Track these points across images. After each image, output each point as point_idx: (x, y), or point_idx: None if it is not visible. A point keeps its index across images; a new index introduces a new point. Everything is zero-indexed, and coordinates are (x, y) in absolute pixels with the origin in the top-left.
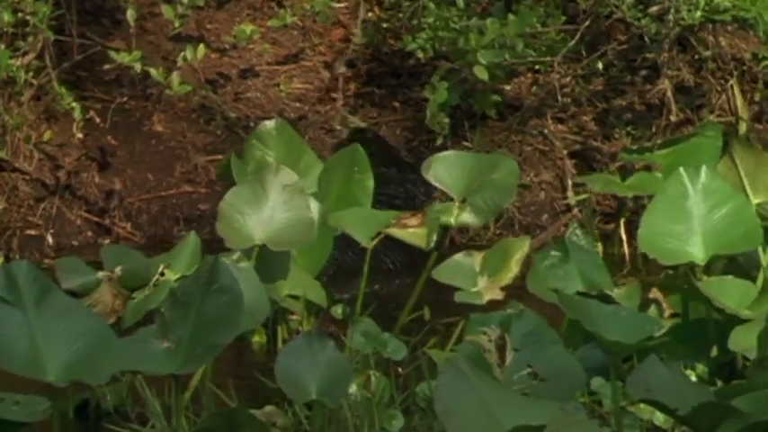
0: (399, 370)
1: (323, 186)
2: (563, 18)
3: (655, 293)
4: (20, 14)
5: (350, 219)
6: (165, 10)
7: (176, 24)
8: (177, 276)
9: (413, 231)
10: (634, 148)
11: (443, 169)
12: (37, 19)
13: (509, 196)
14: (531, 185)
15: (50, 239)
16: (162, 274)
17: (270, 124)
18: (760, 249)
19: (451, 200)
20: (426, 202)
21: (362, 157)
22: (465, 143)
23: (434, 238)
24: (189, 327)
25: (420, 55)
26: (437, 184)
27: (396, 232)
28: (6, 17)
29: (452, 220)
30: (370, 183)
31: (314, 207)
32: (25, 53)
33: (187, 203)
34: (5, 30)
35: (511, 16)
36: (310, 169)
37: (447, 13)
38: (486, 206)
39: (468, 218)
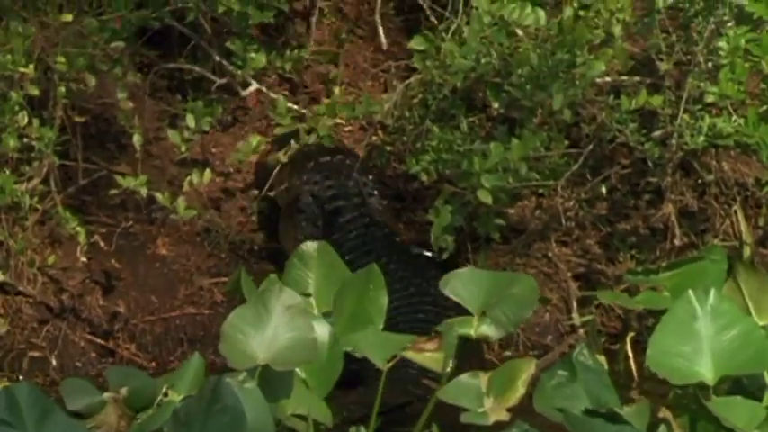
0: None
1: (337, 304)
2: (566, 142)
3: (664, 413)
4: (25, 140)
5: (366, 341)
6: (171, 135)
7: (182, 149)
8: (181, 397)
9: (429, 355)
10: (638, 270)
11: (461, 285)
12: (42, 144)
13: (529, 308)
14: (549, 299)
15: (54, 361)
16: (165, 394)
17: (312, 245)
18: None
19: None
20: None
21: (377, 275)
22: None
23: (451, 362)
24: None
25: (424, 178)
26: (455, 299)
27: (412, 355)
28: (12, 142)
29: (472, 332)
30: (384, 300)
31: (323, 327)
32: (30, 178)
33: (191, 325)
34: (11, 155)
35: (514, 140)
36: None
37: (451, 136)
38: (506, 318)
39: (488, 330)
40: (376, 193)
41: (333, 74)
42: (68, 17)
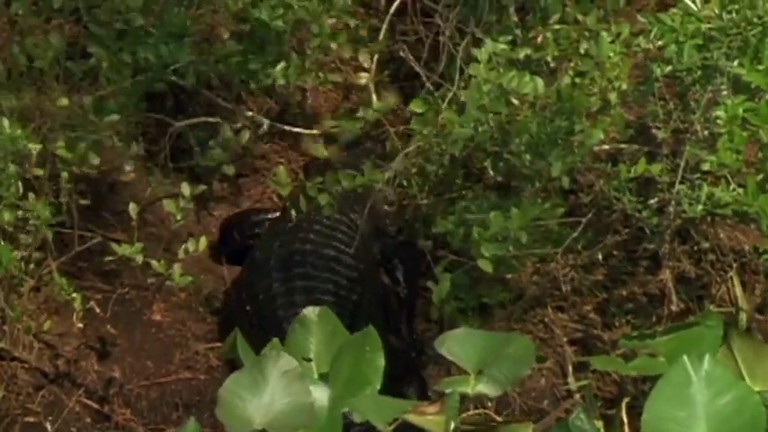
0: None
1: (334, 367)
2: (563, 210)
3: None
4: (20, 212)
5: (367, 405)
6: (167, 203)
7: (178, 217)
8: None
9: (431, 419)
10: (634, 335)
11: (457, 345)
12: (39, 222)
13: (526, 367)
14: (545, 358)
15: (50, 427)
16: None
17: (313, 311)
18: None
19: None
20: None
21: (375, 338)
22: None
23: (452, 425)
24: None
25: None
26: (451, 358)
27: (414, 419)
28: (6, 216)
29: (468, 390)
30: (381, 362)
31: (322, 391)
32: (26, 246)
33: (186, 390)
34: (6, 228)
35: (514, 209)
36: None
37: (452, 207)
38: (503, 376)
39: (484, 388)
40: None
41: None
42: (65, 101)
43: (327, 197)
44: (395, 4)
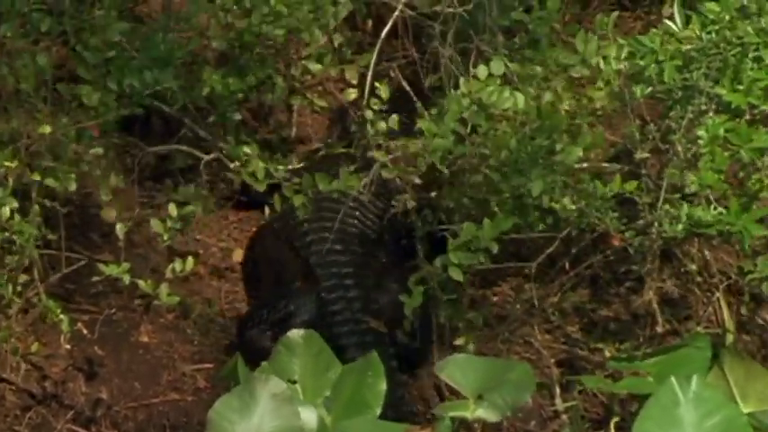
0: None
1: (335, 390)
2: (542, 226)
3: None
4: (6, 233)
5: (359, 429)
6: (154, 224)
7: (165, 238)
8: None
9: None
10: (622, 356)
11: (458, 371)
12: (23, 239)
13: (527, 393)
14: (544, 384)
15: None
16: None
17: (298, 333)
18: None
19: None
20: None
21: (377, 363)
22: (453, 352)
23: None
24: None
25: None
26: (452, 384)
27: None
28: None
29: (468, 415)
30: (382, 387)
31: (310, 414)
32: (12, 270)
33: (174, 411)
34: None
35: (486, 220)
36: None
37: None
38: (503, 402)
39: (484, 413)
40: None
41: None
42: (47, 128)
43: (302, 198)
44: (386, 28)
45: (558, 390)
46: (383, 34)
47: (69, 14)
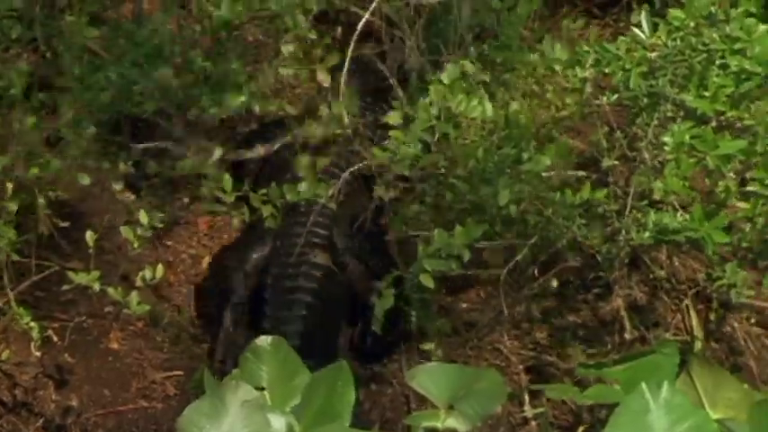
0: None
1: (305, 399)
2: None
3: None
4: None
5: None
6: (124, 231)
7: (135, 245)
8: None
9: None
10: (590, 363)
11: (429, 379)
12: (3, 242)
13: (497, 402)
14: (516, 394)
15: None
16: None
17: (266, 340)
18: None
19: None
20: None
21: (347, 373)
22: (421, 360)
23: None
24: None
25: None
26: (422, 392)
27: None
28: None
29: (439, 425)
30: (352, 396)
31: (279, 421)
32: None
33: (143, 419)
34: None
35: (458, 227)
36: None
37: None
38: (474, 412)
39: (455, 423)
40: None
41: None
42: (32, 120)
43: (271, 208)
44: (356, 33)
45: (526, 396)
46: (354, 37)
47: (40, 21)
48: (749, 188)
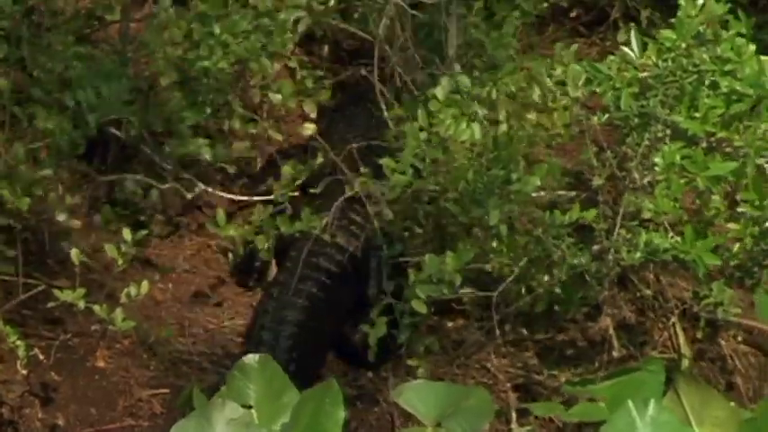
0: None
1: (294, 417)
2: (504, 253)
3: None
4: None
5: None
6: (109, 249)
7: (120, 262)
8: None
9: None
10: (577, 380)
11: (416, 396)
12: None
13: (485, 420)
14: (504, 412)
15: None
16: None
17: (253, 357)
18: None
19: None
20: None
21: (336, 391)
22: (408, 377)
23: None
24: None
25: None
26: (410, 410)
27: None
28: None
29: None
30: (341, 414)
31: None
32: None
33: None
34: None
35: (449, 253)
36: (292, 405)
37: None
38: (461, 430)
39: None
40: None
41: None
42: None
43: (265, 240)
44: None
45: (514, 414)
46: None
47: (27, 40)
48: (740, 209)
